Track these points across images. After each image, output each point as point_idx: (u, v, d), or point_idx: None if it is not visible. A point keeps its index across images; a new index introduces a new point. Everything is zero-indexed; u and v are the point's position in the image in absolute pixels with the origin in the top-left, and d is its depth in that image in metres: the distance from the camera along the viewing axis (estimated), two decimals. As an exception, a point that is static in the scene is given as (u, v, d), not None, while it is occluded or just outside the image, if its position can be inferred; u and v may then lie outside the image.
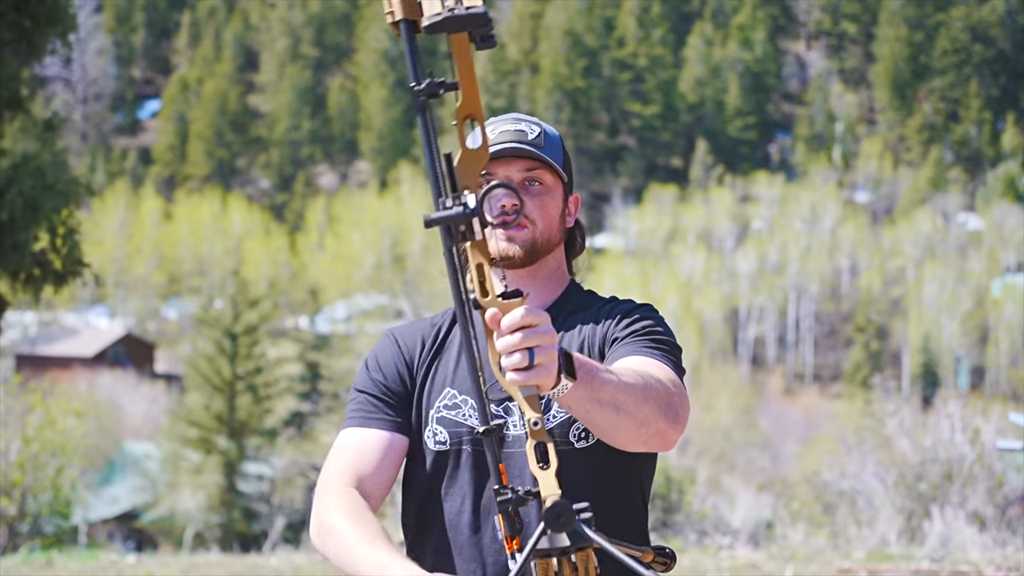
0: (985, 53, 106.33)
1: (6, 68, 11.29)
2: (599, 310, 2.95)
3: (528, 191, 2.92)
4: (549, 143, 2.95)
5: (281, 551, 19.67)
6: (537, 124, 2.96)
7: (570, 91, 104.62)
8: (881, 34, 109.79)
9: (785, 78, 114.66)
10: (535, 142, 2.93)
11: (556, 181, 2.95)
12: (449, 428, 2.88)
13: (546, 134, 2.96)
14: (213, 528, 32.98)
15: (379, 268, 79.63)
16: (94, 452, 32.25)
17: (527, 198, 2.91)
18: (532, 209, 2.91)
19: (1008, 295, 76.44)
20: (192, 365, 36.91)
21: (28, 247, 11.19)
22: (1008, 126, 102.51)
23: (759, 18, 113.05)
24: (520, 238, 2.90)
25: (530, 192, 2.92)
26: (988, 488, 15.55)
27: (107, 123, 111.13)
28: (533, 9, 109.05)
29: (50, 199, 11.15)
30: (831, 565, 12.67)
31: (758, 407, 58.09)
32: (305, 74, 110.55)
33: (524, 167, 2.92)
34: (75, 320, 74.83)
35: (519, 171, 2.92)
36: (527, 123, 2.95)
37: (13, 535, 18.74)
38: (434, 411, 2.90)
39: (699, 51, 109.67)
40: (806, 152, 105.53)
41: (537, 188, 2.93)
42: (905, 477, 16.04)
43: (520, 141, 2.91)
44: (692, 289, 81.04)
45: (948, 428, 16.11)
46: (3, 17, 11.19)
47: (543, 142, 2.94)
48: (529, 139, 2.93)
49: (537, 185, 2.93)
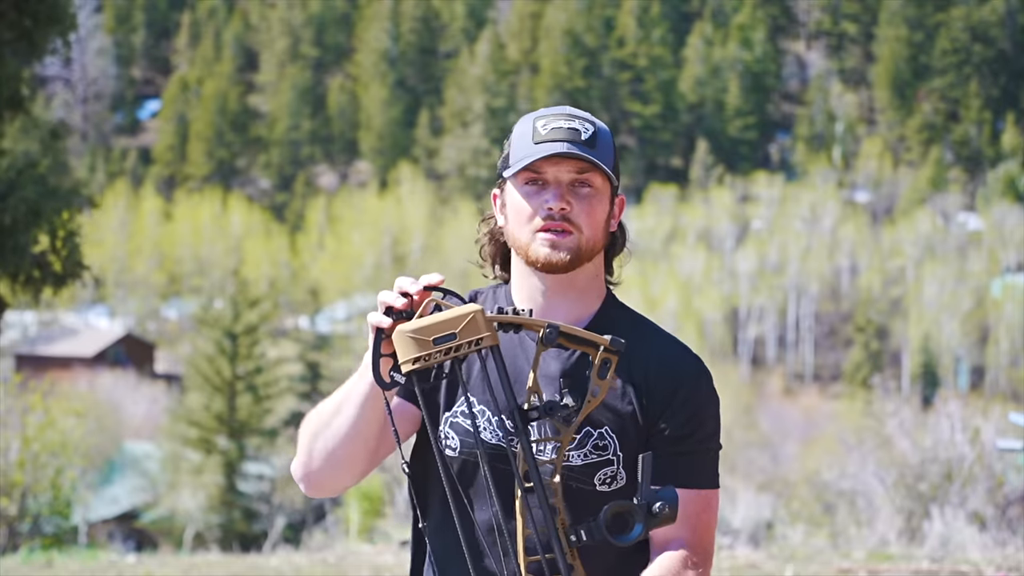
0: (985, 53, 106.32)
1: (6, 68, 11.29)
2: (650, 361, 2.81)
3: (576, 194, 2.79)
4: (602, 143, 2.82)
5: (281, 551, 19.66)
6: (591, 122, 2.82)
7: (570, 91, 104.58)
8: (881, 34, 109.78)
9: (785, 78, 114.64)
10: (588, 142, 2.79)
11: (605, 183, 2.82)
12: (462, 435, 2.82)
13: (599, 133, 2.82)
14: (213, 528, 32.97)
15: (379, 268, 79.64)
16: (94, 452, 32.22)
17: (575, 201, 2.78)
18: (579, 214, 2.78)
19: (1008, 295, 76.42)
20: (192, 365, 36.90)
21: (28, 249, 11.21)
22: (1008, 126, 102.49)
23: (759, 18, 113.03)
24: (565, 244, 2.78)
25: (579, 195, 2.79)
26: (988, 488, 15.55)
27: (107, 123, 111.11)
28: (533, 9, 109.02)
29: (51, 204, 11.17)
30: (831, 565, 12.67)
31: (758, 407, 58.07)
32: (305, 74, 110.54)
33: (575, 168, 2.78)
34: (75, 320, 74.80)
35: (569, 171, 2.79)
36: (580, 120, 2.81)
37: (13, 535, 18.74)
38: (450, 414, 2.83)
39: (699, 51, 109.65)
40: (806, 152, 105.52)
41: (586, 192, 2.80)
42: (905, 477, 16.04)
43: (573, 141, 2.78)
44: (692, 289, 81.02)
45: (948, 428, 16.11)
46: (3, 17, 11.19)
47: (596, 142, 2.80)
48: (583, 139, 2.79)
49: (587, 189, 2.80)
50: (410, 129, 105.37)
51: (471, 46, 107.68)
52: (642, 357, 2.81)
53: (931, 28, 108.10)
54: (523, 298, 2.85)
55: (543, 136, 2.79)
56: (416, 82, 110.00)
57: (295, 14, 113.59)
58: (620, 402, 2.78)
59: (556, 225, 2.77)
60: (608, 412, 2.77)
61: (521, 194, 2.81)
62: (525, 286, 2.85)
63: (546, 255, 2.77)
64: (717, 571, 12.43)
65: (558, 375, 2.77)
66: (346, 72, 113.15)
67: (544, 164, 2.78)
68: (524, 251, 2.81)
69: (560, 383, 2.76)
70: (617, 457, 2.77)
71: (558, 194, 2.77)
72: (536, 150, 2.78)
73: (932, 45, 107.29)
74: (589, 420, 2.75)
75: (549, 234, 2.78)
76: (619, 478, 2.77)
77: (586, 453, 2.76)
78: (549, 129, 2.79)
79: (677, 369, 2.81)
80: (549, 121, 2.81)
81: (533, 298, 2.84)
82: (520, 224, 2.80)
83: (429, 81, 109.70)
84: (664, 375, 2.80)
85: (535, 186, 2.80)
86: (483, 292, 2.95)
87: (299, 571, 13.30)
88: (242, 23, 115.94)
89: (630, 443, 2.77)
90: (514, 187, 2.82)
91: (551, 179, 2.79)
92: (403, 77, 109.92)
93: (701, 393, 2.82)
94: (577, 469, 2.76)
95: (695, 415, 2.80)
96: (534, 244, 2.78)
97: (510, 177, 2.82)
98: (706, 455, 2.82)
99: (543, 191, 2.79)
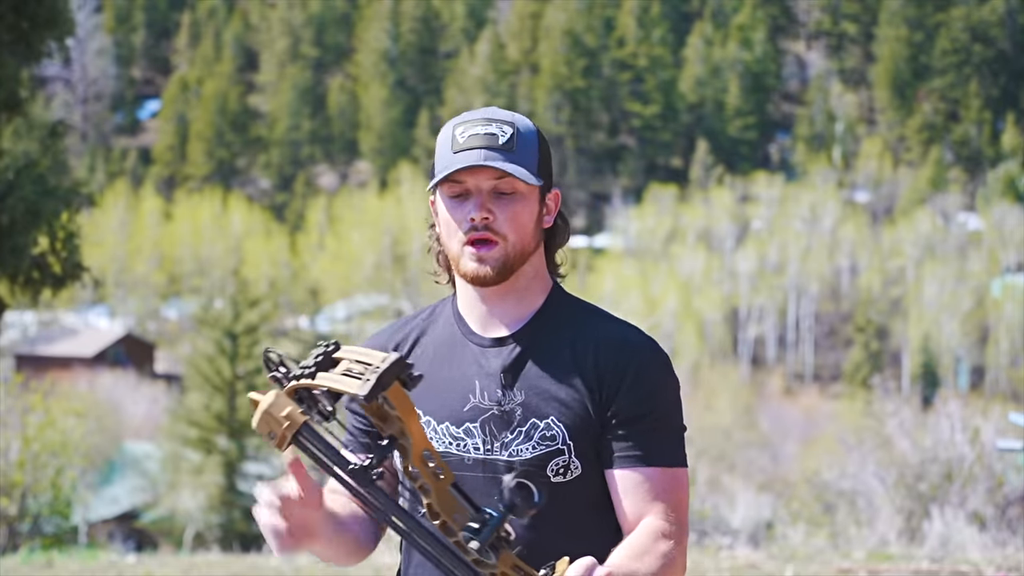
0: (985, 53, 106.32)
1: (5, 69, 11.29)
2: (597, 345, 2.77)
3: (499, 201, 2.73)
4: (522, 145, 2.74)
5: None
6: (509, 124, 2.75)
7: (570, 91, 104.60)
8: (881, 34, 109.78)
9: (785, 78, 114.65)
10: (505, 147, 2.72)
11: (530, 185, 2.75)
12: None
13: (519, 134, 2.74)
14: (213, 528, 32.98)
15: (379, 268, 79.64)
16: (94, 452, 32.24)
17: (497, 210, 2.72)
18: (503, 223, 2.73)
19: (1008, 295, 76.43)
20: (192, 365, 36.88)
21: (28, 250, 11.19)
22: (1008, 126, 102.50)
23: (759, 18, 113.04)
24: (491, 257, 2.73)
25: (500, 202, 2.73)
26: (988, 488, 15.55)
27: (107, 123, 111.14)
28: (533, 9, 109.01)
29: (50, 204, 11.15)
30: (831, 565, 12.67)
31: (758, 407, 58.08)
32: (305, 74, 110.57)
33: (494, 175, 2.72)
34: (75, 320, 74.80)
35: (488, 179, 2.72)
36: (498, 124, 2.74)
37: (13, 535, 18.74)
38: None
39: (699, 51, 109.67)
40: (806, 152, 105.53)
41: (508, 198, 2.74)
42: (905, 477, 16.03)
43: (490, 147, 2.72)
44: (692, 289, 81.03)
45: (948, 428, 16.11)
46: (2, 19, 11.19)
47: (515, 145, 2.73)
48: (500, 144, 2.72)
49: (508, 195, 2.74)
50: (410, 129, 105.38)
51: (471, 46, 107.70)
52: (588, 343, 2.77)
53: (931, 28, 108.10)
54: (465, 305, 2.83)
55: (460, 145, 2.73)
56: (416, 82, 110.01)
57: (295, 14, 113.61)
58: (567, 391, 2.74)
59: (480, 235, 2.73)
60: (554, 402, 2.73)
61: (447, 206, 2.77)
62: (466, 294, 2.83)
63: (473, 270, 2.74)
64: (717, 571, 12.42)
65: (499, 371, 2.76)
66: (346, 72, 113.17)
67: (464, 173, 2.73)
68: (455, 264, 2.79)
69: (501, 378, 2.75)
70: (568, 446, 2.72)
71: (479, 203, 2.73)
72: (454, 160, 2.73)
73: (932, 45, 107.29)
74: (533, 411, 2.73)
75: (474, 248, 2.73)
76: (572, 468, 2.73)
77: (534, 445, 2.72)
78: (466, 137, 2.74)
79: (625, 350, 2.76)
80: (467, 128, 2.75)
81: (474, 305, 2.81)
82: (448, 236, 2.78)
83: (429, 81, 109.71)
84: (612, 357, 2.75)
85: (458, 198, 2.76)
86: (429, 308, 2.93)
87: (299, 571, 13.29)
88: (242, 23, 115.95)
89: (580, 431, 2.73)
90: (441, 198, 2.79)
91: (472, 188, 2.74)
92: (403, 77, 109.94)
93: (652, 371, 2.77)
94: (528, 462, 2.72)
95: (651, 394, 2.75)
96: (463, 259, 2.75)
97: (437, 186, 2.79)
98: (667, 433, 2.77)
99: (466, 202, 2.74)
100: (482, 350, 2.79)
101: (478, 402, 2.75)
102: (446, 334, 2.84)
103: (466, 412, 2.75)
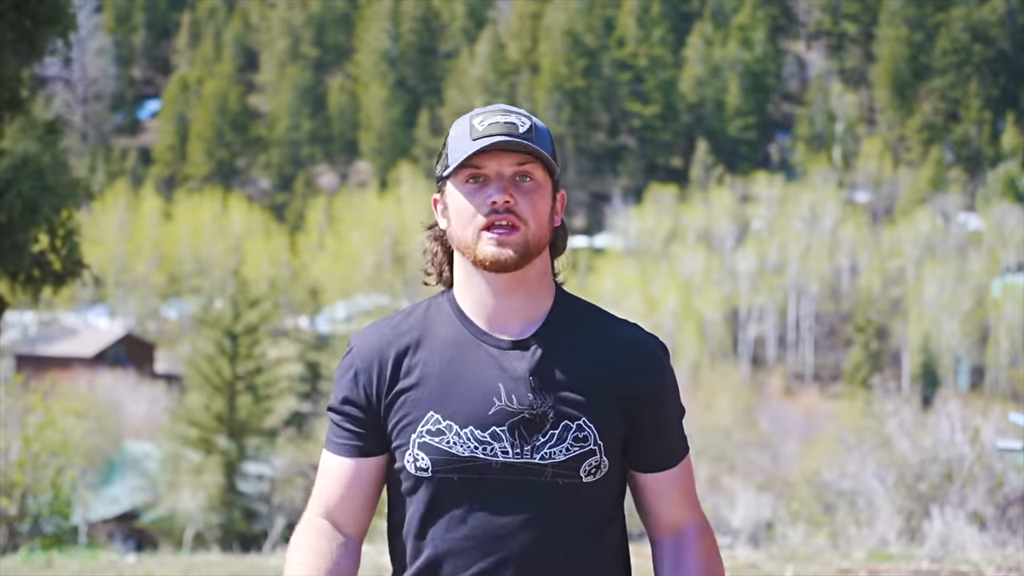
0: (985, 53, 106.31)
1: (6, 68, 11.28)
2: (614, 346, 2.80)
3: (519, 188, 2.74)
4: (540, 137, 2.76)
5: (281, 551, 19.65)
6: (527, 116, 2.76)
7: (570, 91, 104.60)
8: (881, 34, 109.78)
9: (785, 78, 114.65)
10: (526, 135, 2.74)
11: (546, 177, 2.77)
12: (432, 455, 2.72)
13: (536, 127, 2.76)
14: (213, 528, 32.98)
15: (379, 268, 79.66)
16: (94, 452, 32.23)
17: (518, 195, 2.73)
18: (524, 207, 2.73)
19: (1008, 295, 76.41)
20: (192, 365, 36.89)
21: (27, 248, 11.18)
22: (1008, 126, 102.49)
23: (759, 18, 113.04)
24: (512, 241, 2.71)
25: (521, 189, 2.74)
26: (988, 488, 15.54)
27: (107, 123, 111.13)
28: (533, 9, 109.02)
29: (50, 200, 11.13)
30: (831, 565, 12.67)
31: (758, 407, 58.08)
32: (305, 74, 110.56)
33: (516, 161, 2.73)
34: (75, 320, 74.81)
35: (510, 165, 2.74)
36: (517, 115, 2.76)
37: (13, 535, 18.73)
38: (416, 435, 2.74)
39: (699, 51, 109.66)
40: (806, 152, 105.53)
41: (528, 185, 2.74)
42: (905, 477, 16.03)
43: (511, 134, 2.72)
44: (692, 289, 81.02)
45: (948, 428, 16.10)
46: (3, 17, 11.18)
47: (534, 135, 2.75)
48: (520, 132, 2.73)
49: (528, 181, 2.74)
50: (410, 129, 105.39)
51: (471, 46, 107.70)
52: (605, 344, 2.80)
53: (931, 28, 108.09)
54: (470, 304, 2.79)
55: (481, 132, 2.73)
56: (416, 82, 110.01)
57: (295, 14, 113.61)
58: (594, 391, 2.76)
59: (502, 219, 2.71)
60: (584, 403, 2.75)
61: (463, 193, 2.75)
62: (473, 289, 2.79)
63: (494, 254, 2.71)
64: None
65: (526, 374, 2.75)
66: (346, 72, 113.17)
67: (485, 159, 2.73)
68: (471, 252, 2.75)
69: (530, 381, 2.74)
70: (599, 446, 2.75)
71: (501, 187, 2.73)
72: (475, 145, 2.73)
73: (932, 45, 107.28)
74: (566, 413, 2.73)
75: (494, 232, 2.72)
76: (602, 467, 2.76)
77: (567, 447, 2.73)
78: (487, 125, 2.74)
79: (645, 351, 2.82)
80: (487, 117, 2.76)
81: (481, 304, 2.78)
82: (463, 224, 2.75)
83: (429, 81, 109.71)
84: (629, 358, 2.79)
85: (476, 183, 2.75)
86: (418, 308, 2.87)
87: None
88: (242, 23, 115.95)
89: (609, 431, 2.76)
90: (455, 187, 2.77)
91: (492, 173, 2.74)
92: (403, 77, 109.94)
93: (667, 369, 2.84)
94: (562, 464, 2.73)
95: (667, 393, 2.84)
96: (480, 244, 2.73)
97: (451, 177, 2.77)
98: (679, 425, 2.87)
99: (485, 187, 2.74)
100: (501, 352, 2.76)
101: (504, 405, 2.73)
102: (452, 335, 2.80)
103: (491, 416, 2.73)
